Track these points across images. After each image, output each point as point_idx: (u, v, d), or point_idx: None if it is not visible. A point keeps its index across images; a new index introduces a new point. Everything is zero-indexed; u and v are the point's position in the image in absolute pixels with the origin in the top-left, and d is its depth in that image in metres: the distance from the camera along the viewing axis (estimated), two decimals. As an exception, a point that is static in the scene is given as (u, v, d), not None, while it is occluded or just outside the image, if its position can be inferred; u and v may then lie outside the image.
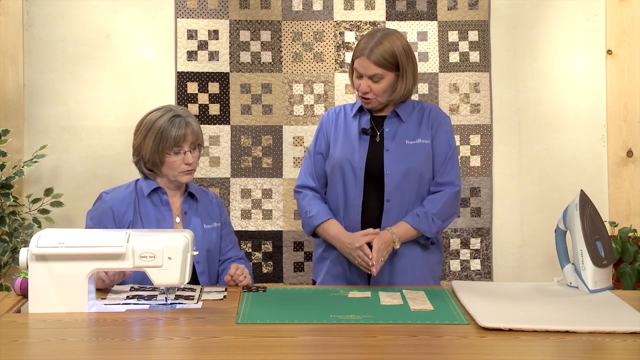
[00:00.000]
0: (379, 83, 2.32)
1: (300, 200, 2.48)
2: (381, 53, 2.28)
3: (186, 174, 2.32)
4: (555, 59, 3.40)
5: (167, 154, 2.28)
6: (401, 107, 2.42)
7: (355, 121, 2.44)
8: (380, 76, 2.31)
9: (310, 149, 2.51)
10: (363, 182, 2.37)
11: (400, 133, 2.39)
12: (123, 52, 3.36)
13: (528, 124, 3.41)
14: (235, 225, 3.33)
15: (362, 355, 1.65)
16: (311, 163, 2.48)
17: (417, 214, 2.34)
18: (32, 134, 3.33)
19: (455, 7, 3.40)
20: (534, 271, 3.40)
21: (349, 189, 2.38)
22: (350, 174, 2.38)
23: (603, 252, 2.16)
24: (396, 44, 2.30)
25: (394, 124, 2.41)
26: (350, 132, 2.43)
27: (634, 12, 3.37)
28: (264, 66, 3.38)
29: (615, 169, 3.38)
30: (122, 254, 1.92)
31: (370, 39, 2.31)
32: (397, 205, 2.36)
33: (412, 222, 2.33)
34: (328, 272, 2.46)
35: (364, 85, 2.33)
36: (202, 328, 1.81)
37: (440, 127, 2.42)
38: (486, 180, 3.40)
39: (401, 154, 2.37)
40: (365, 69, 2.31)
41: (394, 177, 2.35)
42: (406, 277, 2.39)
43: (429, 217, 2.34)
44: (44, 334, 1.75)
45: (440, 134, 2.41)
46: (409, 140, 2.39)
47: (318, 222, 2.39)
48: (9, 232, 3.08)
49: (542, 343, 1.71)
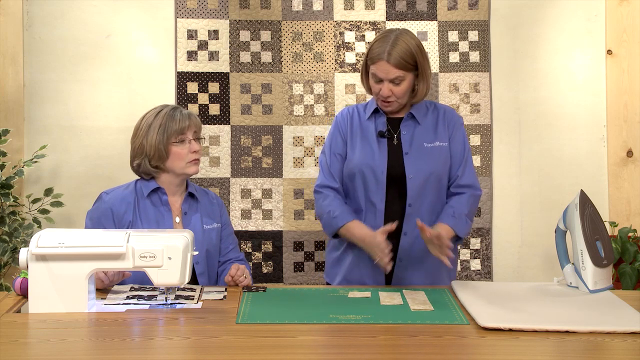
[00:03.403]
0: (400, 85, 2.29)
1: (320, 200, 2.42)
2: (400, 55, 2.25)
3: (194, 164, 2.32)
4: (555, 59, 3.40)
5: (174, 143, 2.28)
6: (416, 109, 2.39)
7: (371, 123, 2.40)
8: (402, 78, 2.28)
9: (326, 150, 2.45)
10: (385, 186, 2.34)
11: (418, 135, 2.37)
12: (123, 52, 3.36)
13: (528, 124, 3.41)
14: (235, 225, 3.33)
15: (362, 355, 1.65)
16: (329, 164, 2.43)
17: (453, 215, 2.30)
18: (32, 134, 3.33)
19: (455, 7, 3.40)
20: (534, 271, 3.40)
21: (371, 193, 2.35)
22: (372, 178, 2.35)
23: (603, 252, 2.16)
24: (411, 43, 2.28)
25: (410, 127, 2.38)
26: (367, 135, 2.39)
27: (634, 12, 3.37)
28: (264, 66, 3.38)
29: (615, 169, 3.39)
30: (122, 254, 1.92)
31: (384, 42, 2.27)
32: (418, 209, 2.34)
33: (450, 223, 2.29)
34: (345, 277, 2.42)
35: (386, 89, 2.29)
36: (202, 328, 1.81)
37: (456, 128, 2.40)
38: (486, 180, 3.40)
39: (421, 157, 2.35)
40: (386, 73, 2.27)
41: (416, 181, 2.33)
42: (428, 278, 2.37)
43: (462, 217, 2.31)
44: (44, 334, 1.75)
45: (456, 135, 2.40)
46: (427, 143, 2.36)
47: (343, 223, 2.35)
48: (9, 232, 3.08)
49: (542, 343, 1.71)
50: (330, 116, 3.36)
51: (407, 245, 2.36)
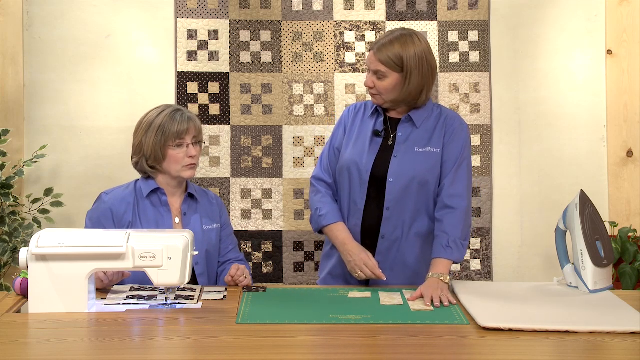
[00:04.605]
0: (382, 81, 2.29)
1: (312, 194, 2.45)
2: (389, 52, 2.26)
3: (189, 168, 2.31)
4: (555, 59, 3.40)
5: (170, 146, 2.28)
6: (417, 112, 2.36)
7: (371, 121, 2.39)
8: (383, 74, 2.28)
9: (327, 142, 2.49)
10: (367, 186, 2.33)
11: (412, 139, 2.34)
12: (123, 52, 3.35)
13: (528, 124, 3.41)
14: (235, 225, 3.33)
15: (362, 355, 1.65)
16: (328, 156, 2.45)
17: (449, 245, 2.25)
18: (32, 134, 3.33)
19: (455, 7, 3.40)
20: (534, 271, 3.40)
21: (354, 192, 2.35)
22: (356, 176, 2.34)
23: (603, 252, 2.16)
24: (409, 49, 2.26)
25: (407, 129, 2.36)
26: (363, 133, 2.39)
27: (634, 12, 3.36)
28: (264, 66, 3.38)
29: (615, 169, 3.38)
30: (122, 254, 1.92)
31: (385, 36, 2.31)
32: (397, 215, 2.32)
33: (447, 255, 2.24)
34: (330, 272, 2.45)
35: (368, 79, 2.33)
36: (202, 328, 1.81)
37: (454, 135, 2.34)
38: (486, 180, 3.40)
39: (408, 161, 2.32)
40: (370, 63, 2.31)
41: (396, 185, 2.31)
42: (406, 279, 2.36)
43: (458, 244, 2.26)
44: (44, 334, 1.75)
45: (452, 142, 2.33)
46: (419, 147, 2.33)
47: (327, 223, 2.37)
48: (9, 232, 3.08)
49: (542, 343, 1.71)
50: (330, 116, 3.36)
51: (384, 249, 2.35)
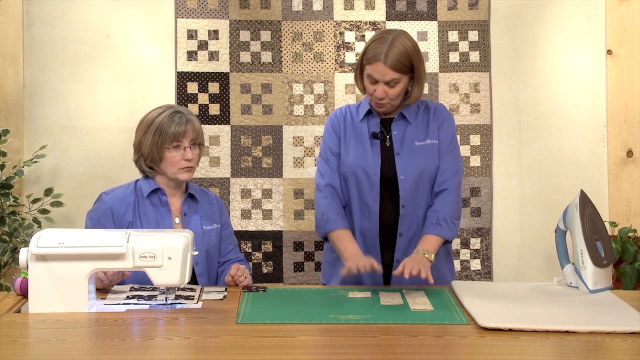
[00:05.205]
0: (395, 88, 2.27)
1: (320, 199, 2.40)
2: (397, 57, 2.22)
3: (185, 171, 2.30)
4: (555, 59, 3.40)
5: (167, 149, 2.27)
6: (407, 109, 2.38)
7: (364, 125, 2.39)
8: (397, 80, 2.26)
9: (322, 152, 2.43)
10: (379, 188, 2.33)
11: (409, 135, 2.36)
12: (123, 52, 3.35)
13: (528, 124, 3.41)
14: (235, 225, 3.33)
15: (362, 355, 1.65)
16: (329, 162, 2.40)
17: (438, 222, 2.29)
18: (32, 134, 3.33)
19: (455, 7, 3.40)
20: (534, 271, 3.40)
21: (365, 195, 2.35)
22: (365, 180, 2.34)
23: (603, 252, 2.16)
24: (408, 45, 2.26)
25: (401, 127, 2.37)
26: (360, 137, 2.38)
27: (634, 12, 3.37)
28: (264, 66, 3.38)
29: (615, 169, 3.38)
30: (122, 254, 1.92)
31: (382, 43, 2.24)
32: (413, 210, 2.34)
33: (436, 232, 2.28)
34: (343, 279, 2.36)
35: (380, 91, 2.26)
36: (202, 328, 1.81)
37: (443, 124, 2.39)
38: (486, 180, 3.40)
39: (412, 157, 2.34)
40: (382, 74, 2.24)
41: (407, 182, 2.32)
42: None
43: (448, 221, 2.30)
44: (44, 334, 1.75)
45: (442, 130, 2.38)
46: (418, 141, 2.36)
47: (334, 228, 2.34)
48: (9, 232, 3.08)
49: (542, 343, 1.71)
50: (330, 116, 3.36)
51: (403, 245, 2.36)
